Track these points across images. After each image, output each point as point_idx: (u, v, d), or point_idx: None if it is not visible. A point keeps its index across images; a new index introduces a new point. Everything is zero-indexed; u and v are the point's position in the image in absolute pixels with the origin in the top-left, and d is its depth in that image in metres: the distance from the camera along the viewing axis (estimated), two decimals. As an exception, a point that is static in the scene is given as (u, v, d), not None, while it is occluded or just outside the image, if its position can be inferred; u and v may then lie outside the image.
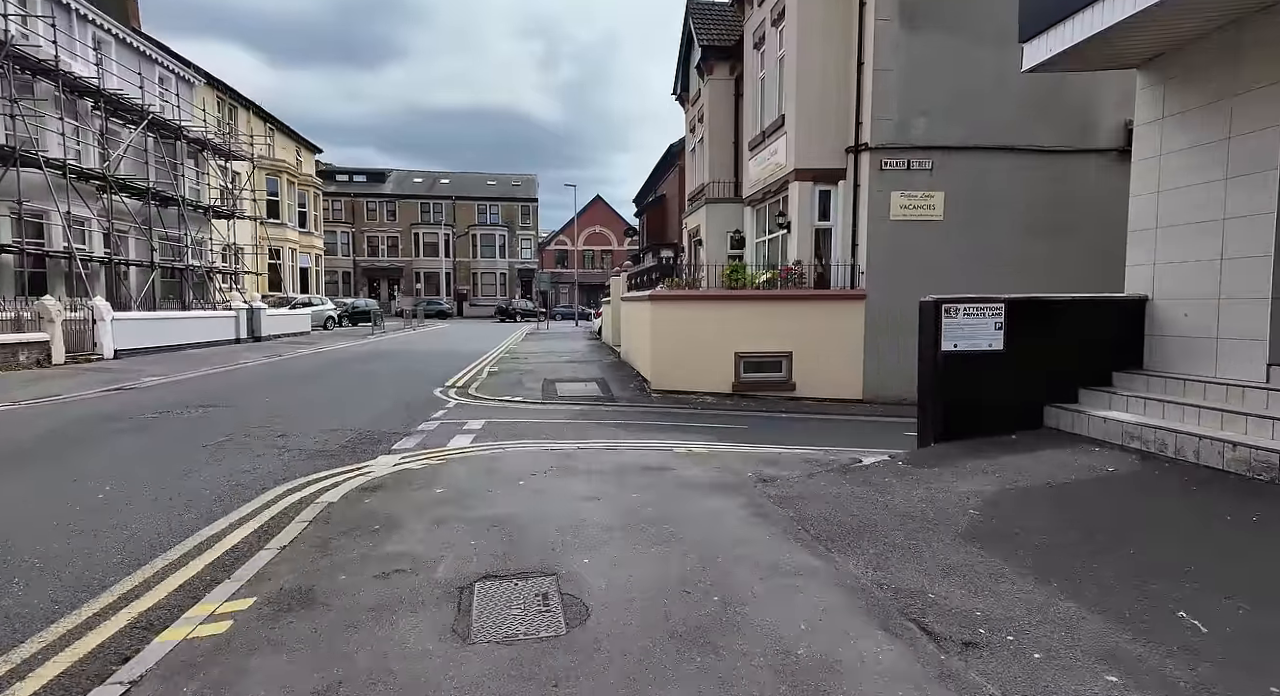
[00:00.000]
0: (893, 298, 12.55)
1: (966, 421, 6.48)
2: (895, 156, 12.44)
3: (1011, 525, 4.27)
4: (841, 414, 11.54)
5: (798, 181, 13.41)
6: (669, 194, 32.43)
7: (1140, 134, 6.56)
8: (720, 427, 9.49)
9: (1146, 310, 6.47)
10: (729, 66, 19.90)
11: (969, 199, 12.47)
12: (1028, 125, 12.39)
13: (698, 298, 12.67)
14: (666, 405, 11.58)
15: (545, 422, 9.27)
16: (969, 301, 6.46)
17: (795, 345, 12.58)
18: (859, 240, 12.80)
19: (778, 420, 10.65)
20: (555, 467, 6.12)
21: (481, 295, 59.58)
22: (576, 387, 13.10)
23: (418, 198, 61.09)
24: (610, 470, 6.08)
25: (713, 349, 12.51)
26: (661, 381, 12.63)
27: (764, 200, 15.49)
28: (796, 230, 13.52)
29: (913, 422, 11.06)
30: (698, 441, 8.18)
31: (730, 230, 16.94)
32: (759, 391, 12.56)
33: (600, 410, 10.82)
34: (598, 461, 6.48)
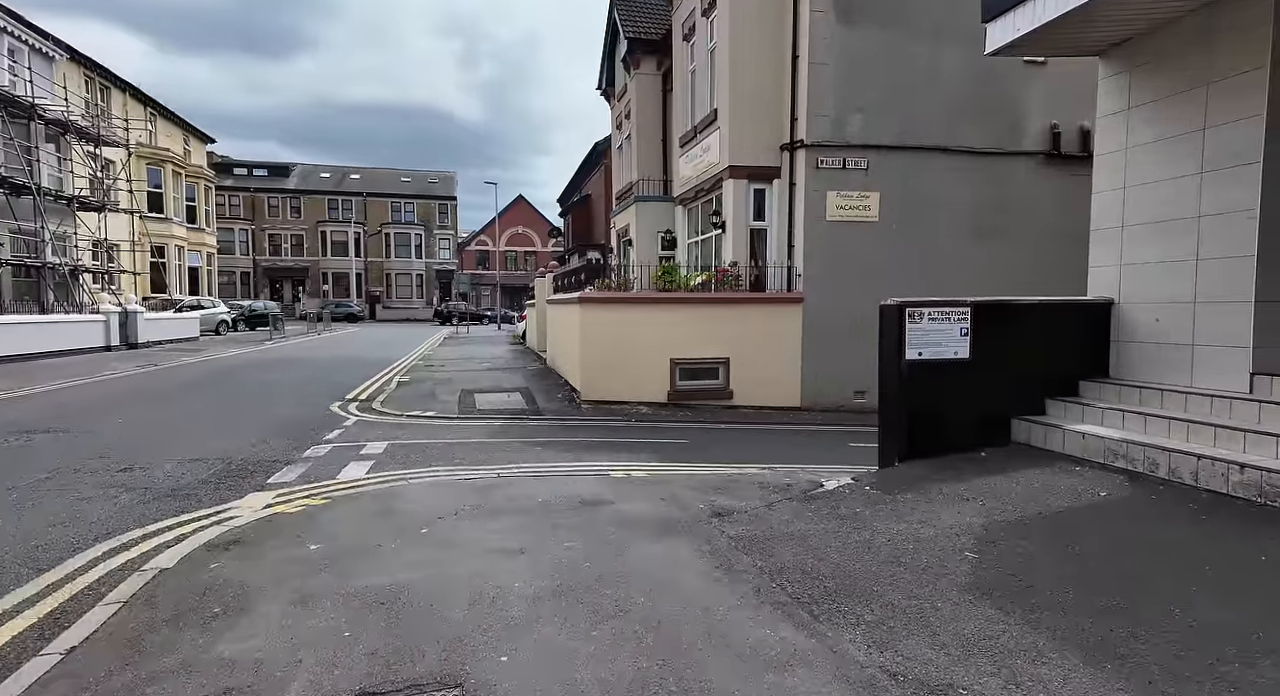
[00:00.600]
0: (830, 301, 12.11)
1: (931, 436, 5.89)
2: (831, 155, 12.01)
3: (1019, 573, 3.60)
4: (781, 423, 10.94)
5: (732, 179, 12.79)
6: (595, 194, 31.51)
7: (1104, 126, 6.17)
8: (659, 443, 8.64)
9: (1113, 314, 6.08)
10: (656, 61, 19.19)
11: (904, 200, 12.19)
12: (960, 126, 12.23)
13: (630, 300, 11.82)
14: (598, 417, 10.64)
15: (460, 443, 8.14)
16: (934, 305, 5.86)
17: (732, 351, 11.91)
18: (795, 241, 12.29)
19: (719, 432, 9.91)
20: (469, 506, 5.08)
21: (396, 297, 56.70)
22: (498, 399, 11.96)
23: (325, 193, 57.55)
24: (536, 507, 5.09)
25: (647, 355, 11.67)
26: (592, 391, 11.68)
27: (696, 199, 14.82)
28: (731, 230, 12.89)
29: (857, 432, 10.72)
30: (636, 461, 7.29)
31: (661, 230, 16.20)
32: (696, 400, 11.81)
33: (525, 425, 9.75)
34: (522, 494, 5.48)
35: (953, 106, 12.18)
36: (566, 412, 10.95)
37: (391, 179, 61.11)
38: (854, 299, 12.16)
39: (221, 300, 33.60)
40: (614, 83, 22.34)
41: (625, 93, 20.75)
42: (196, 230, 33.72)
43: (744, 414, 11.52)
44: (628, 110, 20.43)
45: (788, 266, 12.35)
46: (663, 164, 19.06)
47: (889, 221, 12.20)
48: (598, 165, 30.30)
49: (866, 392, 12.35)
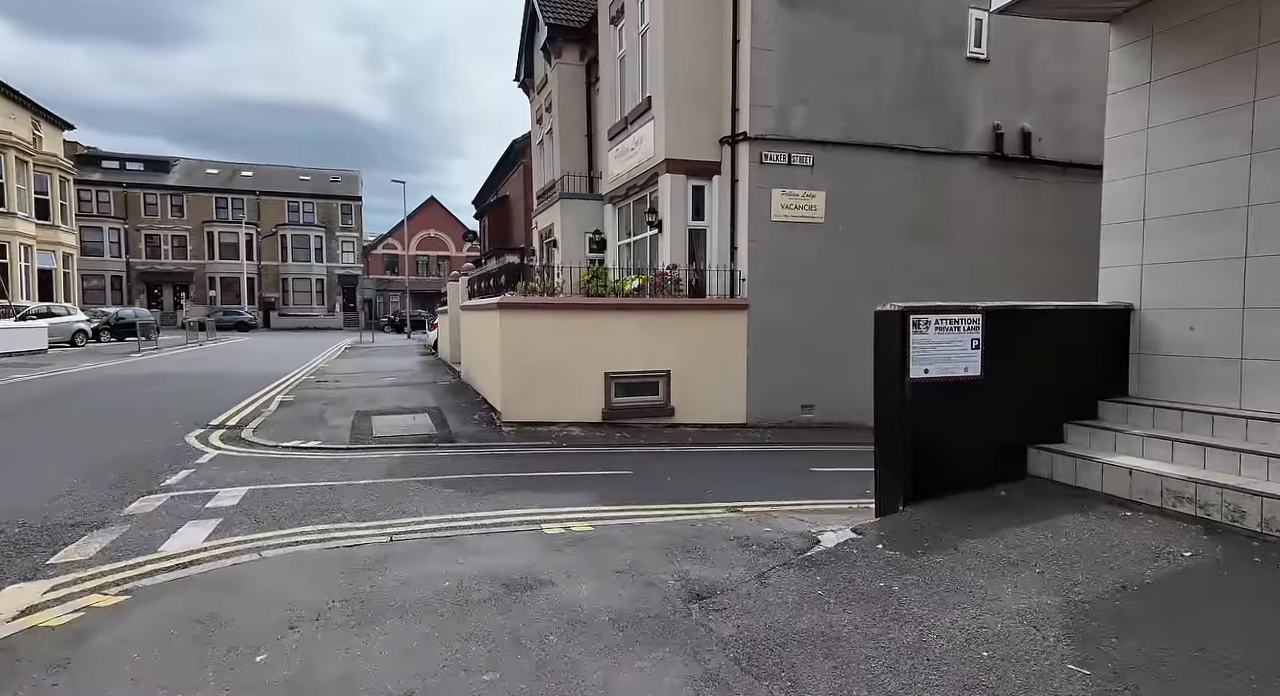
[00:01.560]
0: (777, 308, 11.12)
1: (939, 471, 4.82)
2: (776, 149, 11.04)
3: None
4: (730, 443, 9.79)
5: (669, 174, 11.60)
6: (513, 194, 29.77)
7: (1118, 104, 5.33)
8: (598, 476, 7.25)
9: (1132, 323, 5.22)
10: (579, 50, 17.87)
11: (850, 200, 11.38)
12: (903, 123, 11.56)
13: (559, 306, 10.38)
14: (523, 443, 9.12)
15: (347, 485, 6.45)
16: (941, 311, 4.80)
17: (673, 363, 10.69)
18: (738, 242, 11.23)
19: (664, 457, 8.61)
20: (339, 602, 3.53)
21: (294, 304, 52.42)
22: (400, 423, 10.20)
23: (212, 191, 52.61)
24: (440, 598, 3.60)
25: (578, 368, 10.26)
26: (515, 410, 10.14)
27: (628, 197, 13.56)
28: (669, 230, 11.69)
29: (815, 453, 9.53)
30: (574, 505, 5.88)
31: (589, 230, 14.84)
32: (634, 419, 10.49)
33: (432, 457, 8.12)
34: (420, 575, 3.96)
35: (896, 102, 11.50)
36: (484, 438, 9.37)
37: (288, 177, 56.69)
38: (801, 306, 11.25)
39: (82, 307, 29.46)
40: (533, 74, 20.84)
41: (546, 84, 19.30)
42: (49, 227, 29.47)
43: (687, 433, 10.29)
44: (549, 103, 18.99)
45: (730, 270, 11.26)
46: (588, 160, 17.73)
47: (836, 223, 11.35)
48: (515, 164, 28.61)
49: (814, 407, 11.46)
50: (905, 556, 3.95)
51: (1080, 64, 12.29)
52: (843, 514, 5.55)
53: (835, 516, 5.40)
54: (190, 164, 55.10)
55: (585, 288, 10.95)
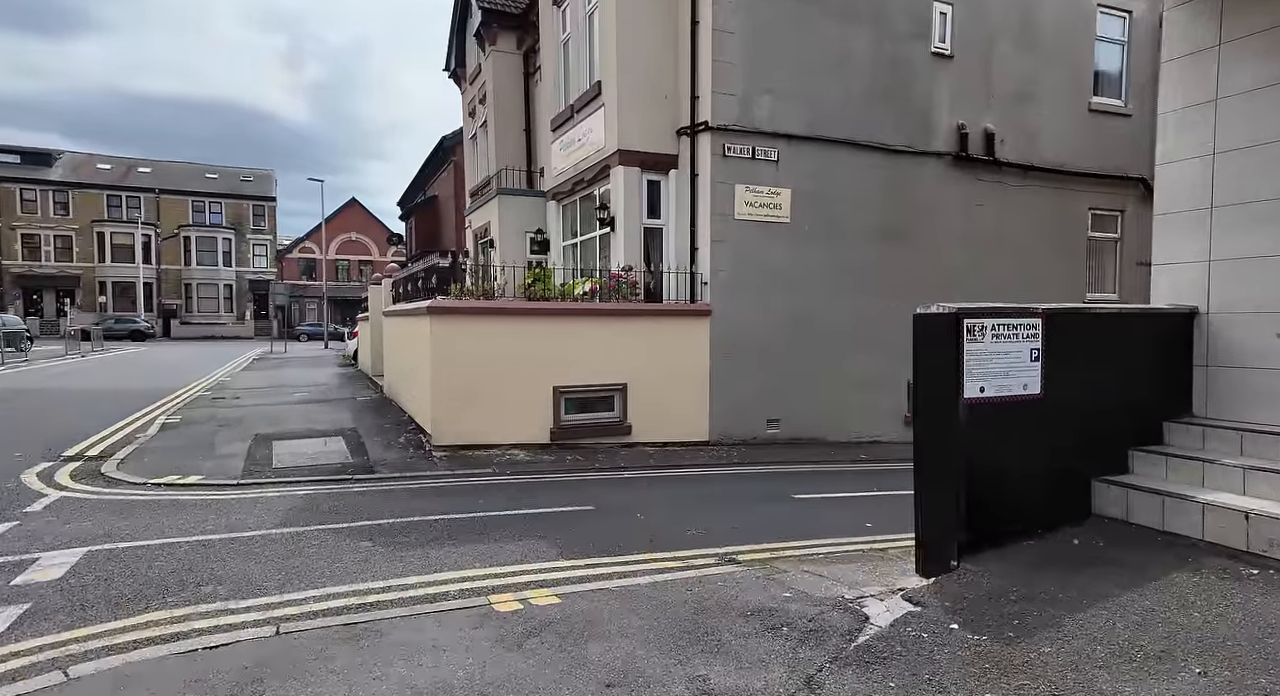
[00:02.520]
0: (741, 314, 10.16)
1: (994, 514, 3.87)
2: (739, 141, 10.10)
3: None
4: (695, 465, 8.70)
5: (622, 167, 10.48)
6: (443, 194, 28.01)
7: (1176, 72, 4.56)
8: (554, 515, 5.99)
9: (1196, 329, 4.44)
10: (516, 38, 16.57)
11: (816, 199, 10.57)
12: (869, 119, 10.86)
13: (499, 311, 9.04)
14: (458, 472, 7.74)
15: (226, 542, 4.97)
16: (1000, 314, 3.85)
17: (630, 375, 9.53)
18: (699, 243, 10.22)
19: (627, 487, 7.42)
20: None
21: (199, 311, 48.32)
22: (309, 449, 8.61)
23: (103, 188, 47.94)
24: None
25: (522, 382, 8.96)
26: (448, 432, 8.74)
27: (574, 193, 12.35)
28: (623, 228, 10.55)
29: (789, 474, 8.16)
30: (530, 562, 4.62)
31: (530, 230, 13.53)
32: (586, 438, 9.26)
33: (345, 496, 6.64)
34: (317, 698, 2.65)
35: (862, 97, 10.80)
36: (412, 467, 7.93)
37: (193, 175, 52.40)
38: (766, 312, 10.33)
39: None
40: (465, 63, 19.36)
41: (479, 74, 17.89)
42: (-104, 221, 25.54)
43: (647, 454, 9.14)
44: (482, 94, 17.57)
45: (691, 272, 10.23)
46: (527, 156, 16.42)
47: (801, 223, 10.51)
48: (445, 162, 26.91)
49: (780, 422, 10.54)
50: (996, 643, 2.92)
51: (1039, 64, 11.99)
52: (865, 562, 4.53)
53: (858, 567, 4.37)
54: (78, 158, 50.12)
55: (528, 291, 9.66)
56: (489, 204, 14.36)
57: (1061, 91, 12.20)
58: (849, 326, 10.76)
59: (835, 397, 10.74)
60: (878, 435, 11.09)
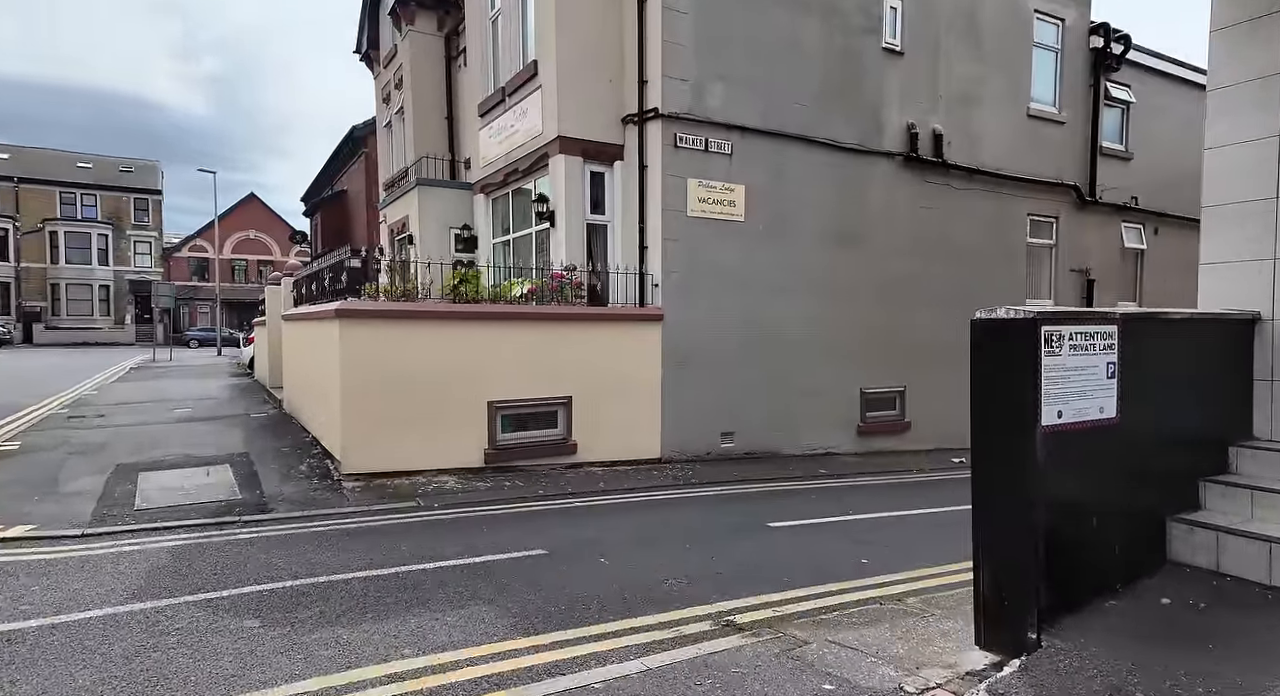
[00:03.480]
0: (695, 319, 9.35)
1: (1072, 569, 3.15)
2: (692, 131, 9.30)
3: None
4: (650, 487, 7.78)
5: (563, 155, 9.46)
6: (352, 189, 25.95)
7: (1229, 40, 4.04)
8: (499, 564, 4.91)
9: (1258, 337, 3.91)
10: (437, 19, 15.24)
11: (770, 197, 9.92)
12: (823, 114, 10.33)
13: (422, 314, 7.80)
14: (376, 507, 6.48)
15: (43, 631, 3.62)
16: (1079, 320, 3.14)
17: (575, 387, 8.51)
18: (649, 241, 9.33)
19: (580, 518, 6.39)
20: None
21: (68, 314, 43.23)
22: (186, 482, 7.10)
23: (-50, 174, 42.14)
24: None
25: (451, 396, 7.77)
26: (362, 457, 7.43)
27: (506, 185, 11.20)
28: (564, 224, 9.53)
29: (749, 496, 7.43)
30: (474, 646, 3.54)
31: (455, 225, 12.25)
32: (526, 459, 8.17)
33: (229, 549, 5.29)
34: None
35: (816, 90, 10.26)
36: (316, 502, 6.61)
37: (62, 164, 46.94)
38: (720, 317, 9.57)
39: None
40: (378, 44, 17.75)
41: (395, 56, 16.38)
42: None
43: (595, 476, 8.14)
44: (399, 78, 16.08)
45: (640, 273, 9.32)
46: (450, 145, 15.10)
47: (755, 222, 9.82)
48: (356, 155, 24.95)
49: (734, 435, 9.79)
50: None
51: (982, 66, 11.86)
52: (895, 623, 3.73)
53: (891, 632, 3.56)
54: (-83, 139, 43.84)
55: (454, 293, 8.45)
56: (407, 196, 12.95)
57: (1003, 95, 12.13)
58: (801, 333, 10.17)
59: (788, 408, 10.11)
60: (831, 446, 10.56)
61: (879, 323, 10.91)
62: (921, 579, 4.81)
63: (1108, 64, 13.26)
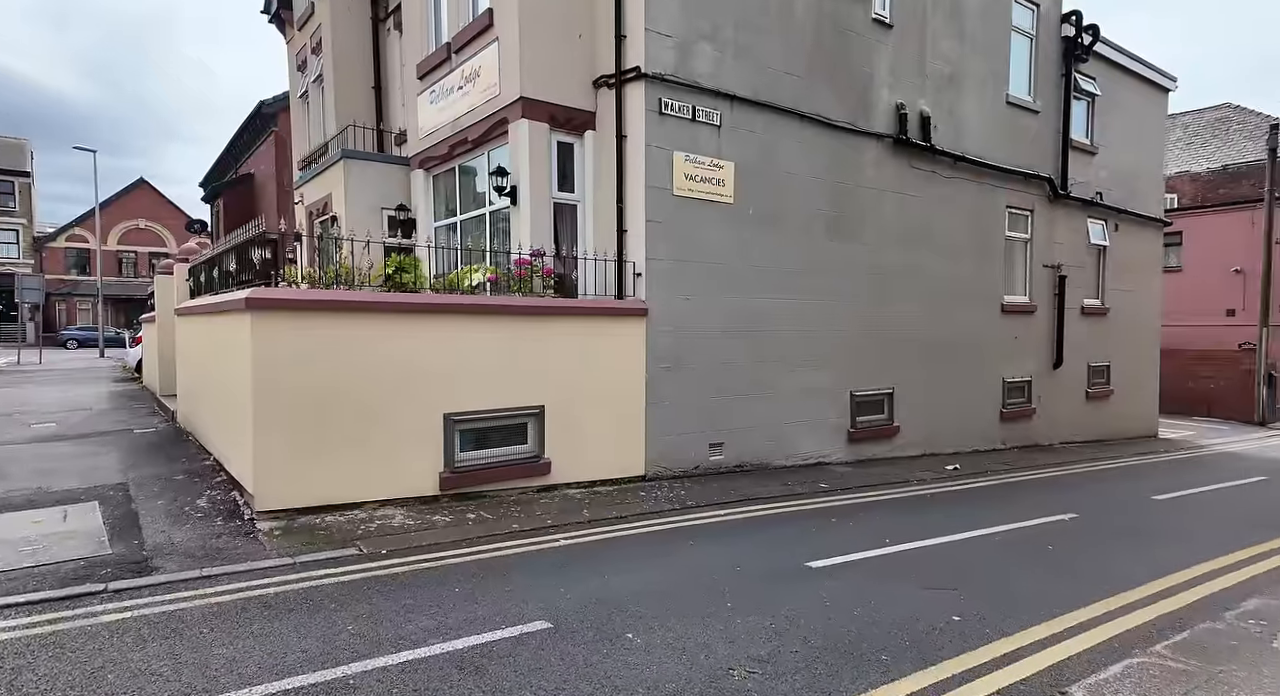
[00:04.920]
0: (682, 314, 8.15)
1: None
2: (678, 96, 8.07)
3: None
4: (642, 515, 6.49)
5: (526, 120, 8.03)
6: (261, 172, 23.29)
7: None
8: (475, 655, 3.50)
9: None
10: (363, -28, 13.35)
11: (760, 178, 8.84)
12: (813, 88, 9.33)
13: (361, 306, 6.19)
14: (300, 561, 4.89)
15: None
16: None
17: (548, 394, 7.11)
18: (630, 223, 8.03)
19: (571, 566, 5.02)
20: None
21: (-87, 312, 37.57)
22: (30, 531, 5.26)
23: None
24: None
25: (397, 408, 6.23)
26: (283, 488, 5.78)
27: (452, 158, 9.61)
28: (528, 201, 8.08)
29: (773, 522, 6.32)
30: None
31: (390, 205, 10.53)
32: (491, 483, 6.72)
33: (80, 647, 3.64)
34: None
35: (805, 60, 9.24)
36: (219, 555, 4.95)
37: (-94, 136, 40.83)
38: (708, 312, 8.38)
39: None
40: (290, 3, 15.58)
41: (311, 15, 14.33)
42: None
43: (573, 501, 6.78)
44: (316, 41, 14.06)
45: (619, 261, 8.01)
46: (377, 117, 13.26)
47: (745, 205, 8.71)
48: (265, 133, 22.40)
49: (723, 446, 8.64)
50: None
51: (966, 48, 11.20)
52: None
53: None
54: None
55: (388, 283, 6.86)
56: (330, 172, 11.10)
57: (984, 80, 11.53)
58: (792, 330, 9.16)
59: (778, 414, 9.06)
60: (824, 455, 9.59)
61: (868, 319, 10.05)
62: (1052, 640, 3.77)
63: (1077, 54, 12.94)
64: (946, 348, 11.11)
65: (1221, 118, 26.01)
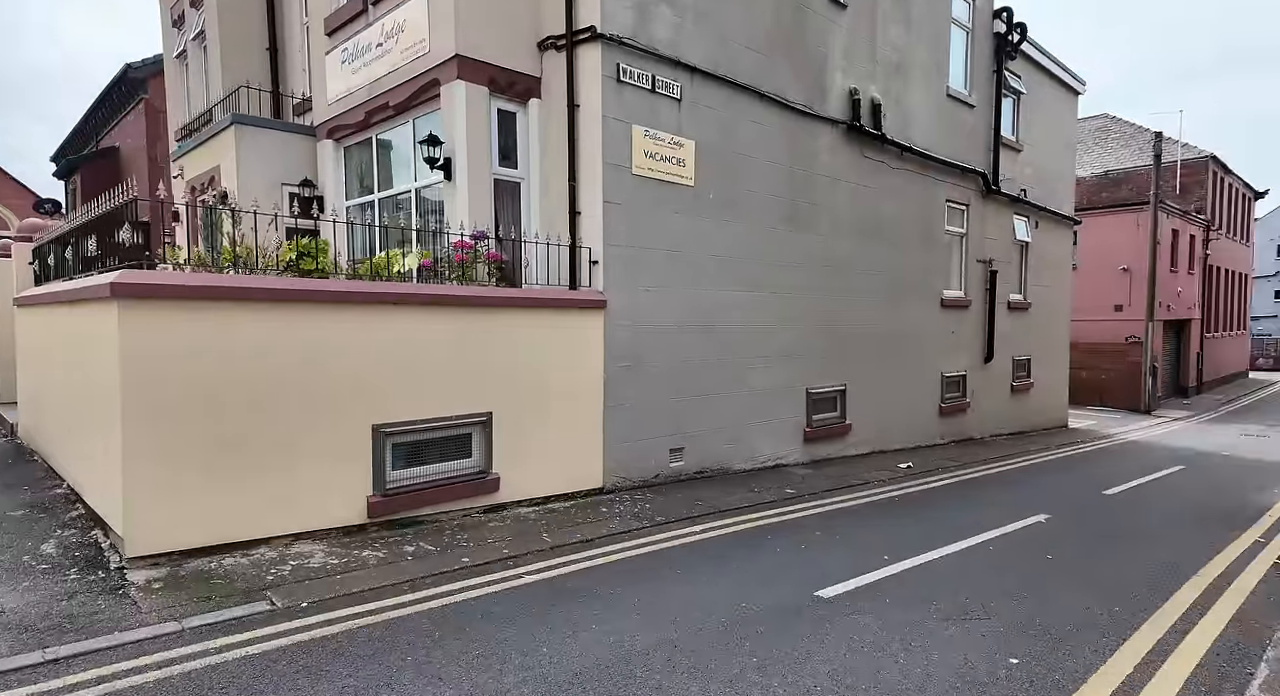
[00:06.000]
0: (644, 307, 7.37)
1: None
2: (637, 63, 7.24)
3: None
4: (610, 537, 5.67)
5: (464, 81, 6.95)
6: (128, 145, 20.47)
7: None
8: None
9: None
10: (254, -86, 11.61)
11: (720, 159, 8.17)
12: (771, 67, 8.76)
13: (265, 294, 4.96)
14: (189, 627, 3.73)
15: None
16: None
17: (495, 399, 6.12)
18: (584, 205, 7.13)
19: (533, 608, 4.11)
20: None
21: None
22: None
23: None
24: None
25: (313, 420, 5.09)
26: (163, 526, 4.53)
27: (369, 126, 8.33)
28: (466, 174, 7.00)
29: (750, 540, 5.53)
30: None
31: (292, 181, 9.06)
32: (430, 506, 5.68)
33: None
34: None
35: (764, 37, 8.65)
36: (74, 624, 3.71)
37: None
38: (668, 305, 7.63)
39: None
40: (166, -53, 13.46)
41: (191, -40, 12.39)
42: None
43: (528, 523, 5.85)
44: (198, -9, 12.16)
45: (573, 246, 7.09)
46: (273, 80, 11.59)
47: (706, 188, 8.01)
48: (132, 101, 19.70)
49: (684, 451, 7.93)
50: None
51: (912, 36, 11.01)
52: None
53: None
54: None
55: (288, 270, 5.66)
56: (218, 140, 9.47)
57: (928, 71, 11.40)
58: (752, 324, 8.59)
59: (739, 415, 8.47)
60: (781, 457, 9.09)
61: (823, 313, 9.63)
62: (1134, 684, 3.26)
63: (1007, 52, 13.12)
64: (894, 342, 10.91)
65: (1101, 127, 27.92)
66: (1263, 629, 4.06)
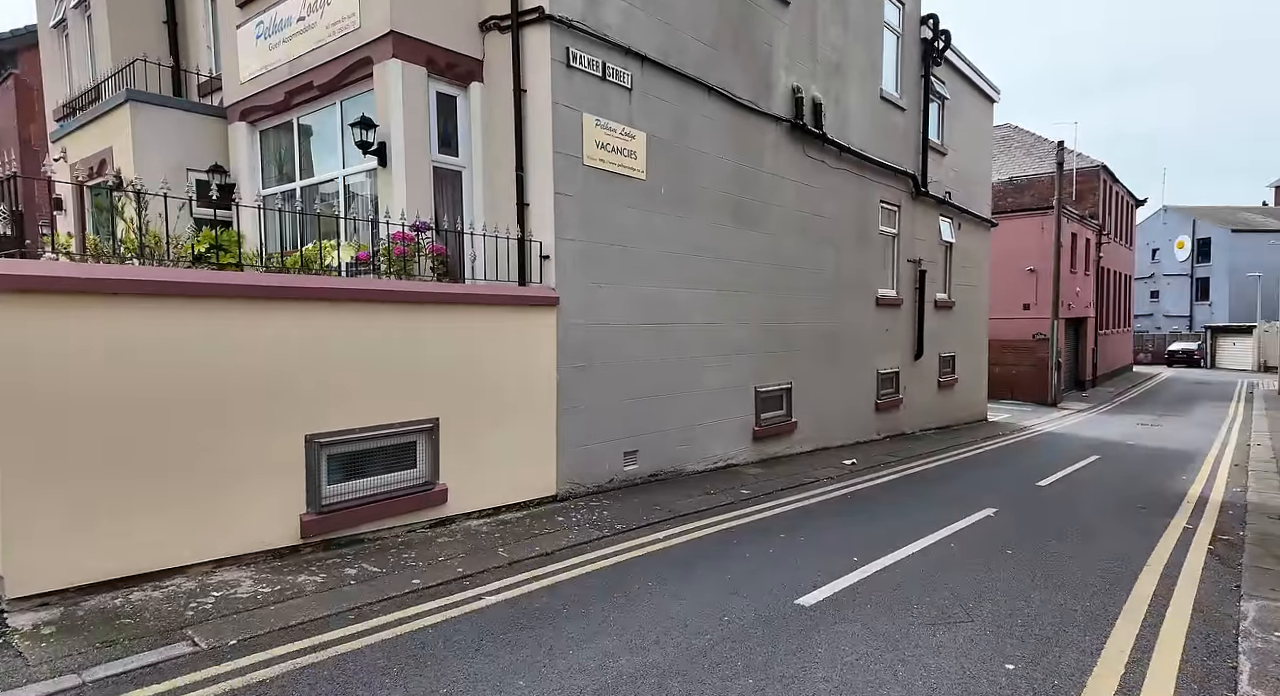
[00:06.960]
0: (598, 304, 7.05)
1: None
2: (587, 49, 6.90)
3: None
4: (567, 548, 5.33)
5: (399, 60, 6.40)
6: (-5, 122, 18.26)
7: None
8: None
9: None
10: (150, -128, 10.48)
11: (670, 153, 7.96)
12: (719, 61, 8.63)
13: (174, 288, 4.33)
14: (90, 681, 3.15)
15: None
16: None
17: (442, 404, 5.66)
18: (533, 196, 6.73)
19: (494, 638, 3.74)
20: None
21: None
22: None
23: None
24: None
25: (236, 432, 4.51)
26: (54, 561, 3.86)
27: (290, 108, 7.60)
28: (403, 161, 6.46)
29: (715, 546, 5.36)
30: None
31: (199, 167, 8.16)
32: (372, 522, 5.17)
33: None
34: None
35: (712, 30, 8.50)
36: (-59, 692, 3.06)
37: None
38: (619, 303, 7.34)
39: None
40: (43, -99, 12.01)
41: (75, -82, 11.08)
42: None
43: (480, 537, 5.43)
44: (82, -49, 10.88)
45: (522, 239, 6.68)
46: (174, 55, 10.51)
47: (657, 183, 7.77)
48: None
49: (638, 454, 7.66)
50: None
51: (849, 37, 11.16)
52: None
53: None
54: None
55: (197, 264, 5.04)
56: (110, 118, 8.44)
57: (864, 73, 11.59)
58: (703, 321, 8.43)
59: (691, 415, 8.29)
60: (731, 456, 8.98)
61: (769, 311, 9.60)
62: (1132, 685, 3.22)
63: (933, 57, 13.56)
64: (834, 340, 11.03)
65: (1005, 136, 29.60)
66: (1224, 618, 4.18)
